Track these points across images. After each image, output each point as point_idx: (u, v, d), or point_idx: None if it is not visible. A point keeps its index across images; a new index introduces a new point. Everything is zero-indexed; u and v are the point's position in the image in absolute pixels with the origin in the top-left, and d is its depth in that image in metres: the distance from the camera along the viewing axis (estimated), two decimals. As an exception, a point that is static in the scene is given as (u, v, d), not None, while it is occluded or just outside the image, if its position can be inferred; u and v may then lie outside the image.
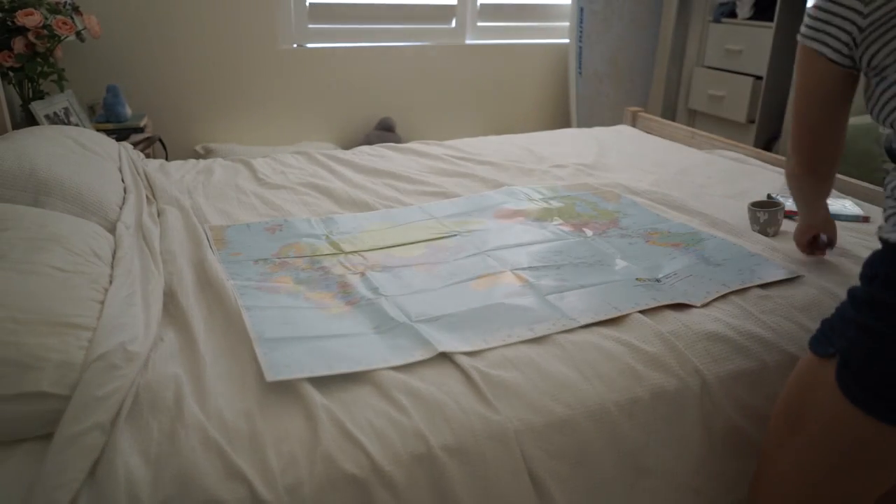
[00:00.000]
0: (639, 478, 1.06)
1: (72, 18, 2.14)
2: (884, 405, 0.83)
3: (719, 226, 1.59)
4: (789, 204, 1.66)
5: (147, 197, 1.66)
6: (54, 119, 2.14)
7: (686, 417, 1.07)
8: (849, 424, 0.87)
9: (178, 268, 1.29)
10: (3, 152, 1.45)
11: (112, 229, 1.41)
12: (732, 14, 3.11)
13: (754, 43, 2.97)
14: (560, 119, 3.46)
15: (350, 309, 1.21)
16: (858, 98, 1.05)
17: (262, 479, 0.84)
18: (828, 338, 0.92)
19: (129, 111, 2.39)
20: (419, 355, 1.06)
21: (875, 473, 0.90)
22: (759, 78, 2.96)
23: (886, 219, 0.93)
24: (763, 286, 1.30)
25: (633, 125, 2.69)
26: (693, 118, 3.39)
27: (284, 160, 2.09)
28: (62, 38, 2.10)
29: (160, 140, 2.49)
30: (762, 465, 1.03)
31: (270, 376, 0.97)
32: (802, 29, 1.06)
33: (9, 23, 2.03)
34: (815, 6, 1.03)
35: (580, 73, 3.30)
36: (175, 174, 1.92)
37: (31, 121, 2.13)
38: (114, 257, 1.26)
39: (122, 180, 1.69)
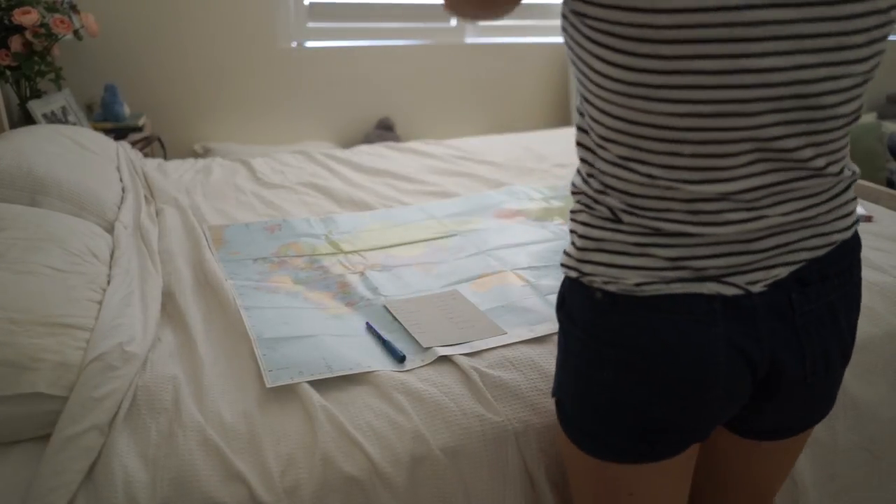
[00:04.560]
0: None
1: (69, 17, 2.13)
2: (592, 442, 0.73)
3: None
4: None
5: (145, 196, 1.65)
6: (52, 118, 2.13)
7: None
8: (587, 467, 0.76)
9: (176, 268, 1.29)
10: (1, 151, 1.44)
11: (110, 229, 1.40)
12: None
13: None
14: (561, 118, 3.44)
15: (350, 309, 1.20)
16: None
17: (262, 480, 0.84)
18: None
19: (127, 110, 2.39)
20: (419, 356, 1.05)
21: None
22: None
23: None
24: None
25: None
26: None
27: (283, 159, 2.09)
28: (60, 36, 2.09)
29: (159, 139, 2.48)
30: None
31: (270, 382, 0.96)
32: None
33: (6, 21, 2.02)
34: None
35: (580, 71, 3.29)
36: (173, 174, 1.91)
37: (28, 120, 2.12)
38: (111, 257, 1.26)
39: (121, 180, 1.68)
